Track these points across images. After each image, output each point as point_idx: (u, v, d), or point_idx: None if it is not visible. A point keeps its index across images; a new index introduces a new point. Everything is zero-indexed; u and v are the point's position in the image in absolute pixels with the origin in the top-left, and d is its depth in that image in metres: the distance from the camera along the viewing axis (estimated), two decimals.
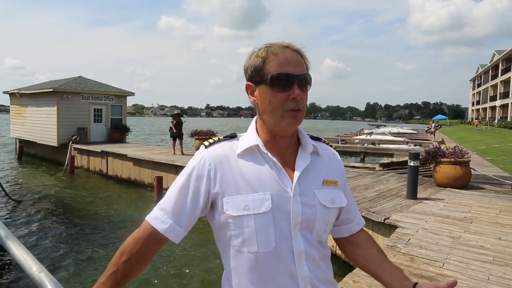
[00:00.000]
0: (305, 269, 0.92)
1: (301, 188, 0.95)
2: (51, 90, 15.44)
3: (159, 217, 0.95)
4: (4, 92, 19.59)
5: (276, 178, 0.94)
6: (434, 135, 26.50)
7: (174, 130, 12.26)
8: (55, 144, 15.62)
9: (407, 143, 22.36)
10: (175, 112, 12.61)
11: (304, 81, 0.94)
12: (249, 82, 0.99)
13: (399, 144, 21.77)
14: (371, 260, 1.05)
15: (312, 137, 1.06)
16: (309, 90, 0.98)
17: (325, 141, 1.09)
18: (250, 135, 0.99)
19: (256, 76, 0.96)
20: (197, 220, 0.97)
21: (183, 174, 0.98)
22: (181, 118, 12.59)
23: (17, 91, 18.34)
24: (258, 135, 0.98)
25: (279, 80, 0.92)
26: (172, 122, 12.33)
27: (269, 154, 0.96)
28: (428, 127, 30.43)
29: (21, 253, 1.07)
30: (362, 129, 33.57)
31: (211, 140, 1.00)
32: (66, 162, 13.83)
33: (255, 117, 1.02)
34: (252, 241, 0.91)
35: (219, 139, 1.01)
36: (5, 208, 8.95)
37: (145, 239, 0.95)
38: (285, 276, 0.91)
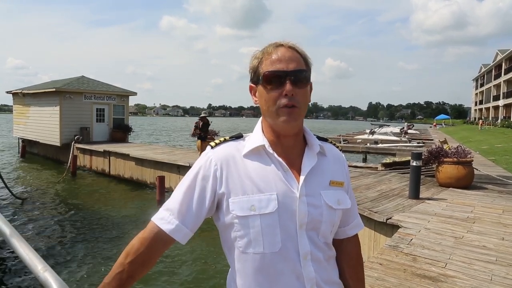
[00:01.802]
0: (311, 269, 0.92)
1: (307, 188, 0.94)
2: (53, 90, 15.50)
3: (165, 217, 0.95)
4: (7, 92, 19.69)
5: (282, 178, 0.94)
6: (406, 133, 28.28)
7: (198, 131, 11.87)
8: (58, 144, 15.67)
9: (410, 141, 22.49)
10: (202, 114, 12.50)
11: (297, 77, 0.93)
12: (251, 84, 1.01)
13: (402, 142, 21.84)
14: (346, 282, 1.09)
15: (319, 137, 1.06)
16: (310, 86, 0.97)
17: (331, 141, 1.09)
18: (256, 135, 0.99)
19: (254, 77, 0.98)
20: (203, 220, 0.97)
21: (189, 175, 0.98)
22: (207, 118, 12.25)
23: (20, 91, 18.41)
24: (264, 135, 0.98)
25: (270, 77, 0.93)
26: (197, 122, 11.97)
27: (275, 155, 0.96)
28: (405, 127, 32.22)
29: (26, 251, 1.08)
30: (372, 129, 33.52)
31: (217, 141, 1.01)
32: (68, 162, 13.88)
33: (261, 118, 1.03)
34: (258, 241, 0.90)
35: (225, 139, 1.01)
36: (9, 207, 8.99)
37: (151, 239, 0.94)
38: (291, 277, 0.91)
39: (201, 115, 12.37)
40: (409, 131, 30.27)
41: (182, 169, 10.01)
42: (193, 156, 11.56)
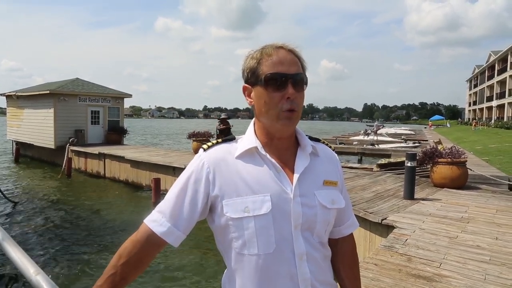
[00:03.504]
0: (306, 270, 0.92)
1: (301, 189, 0.95)
2: (48, 92, 15.40)
3: (157, 220, 0.95)
4: (1, 94, 19.52)
5: (275, 179, 0.94)
6: (375, 133, 27.93)
7: (218, 135, 10.95)
8: (52, 146, 15.56)
9: (406, 141, 22.61)
10: (222, 116, 11.59)
11: (298, 81, 0.93)
12: (245, 84, 1.00)
13: (397, 143, 21.96)
14: (342, 282, 1.11)
15: (311, 138, 1.06)
16: (305, 90, 0.98)
17: (324, 141, 1.09)
18: (249, 137, 0.99)
19: (251, 77, 0.97)
20: (195, 223, 0.97)
21: (182, 177, 0.98)
22: (228, 122, 11.22)
23: (14, 93, 18.27)
24: (257, 137, 0.99)
25: (273, 80, 0.92)
26: (219, 125, 11.24)
27: (268, 156, 0.96)
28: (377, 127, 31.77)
29: (18, 255, 1.07)
30: (367, 129, 33.20)
31: (209, 143, 1.01)
32: (63, 164, 13.79)
33: (253, 119, 1.02)
34: (253, 243, 0.91)
35: (217, 142, 1.01)
36: (2, 210, 8.91)
37: (143, 242, 0.94)
38: (285, 278, 0.91)
39: (221, 117, 11.53)
40: (379, 131, 30.17)
41: (177, 171, 9.98)
42: (188, 158, 11.52)
